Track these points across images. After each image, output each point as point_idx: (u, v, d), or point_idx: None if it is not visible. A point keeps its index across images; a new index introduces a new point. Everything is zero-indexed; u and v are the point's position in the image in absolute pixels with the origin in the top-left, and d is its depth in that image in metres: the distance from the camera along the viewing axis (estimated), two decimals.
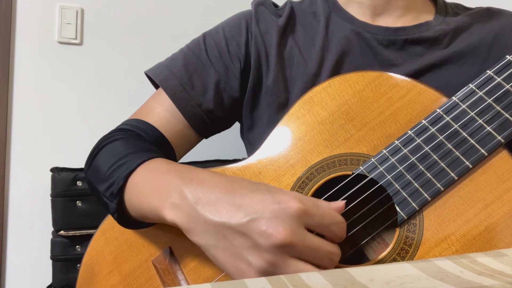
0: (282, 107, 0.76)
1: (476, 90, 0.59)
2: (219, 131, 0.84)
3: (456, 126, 0.58)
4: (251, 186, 0.52)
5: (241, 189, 0.51)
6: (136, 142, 0.70)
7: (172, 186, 0.55)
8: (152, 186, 0.58)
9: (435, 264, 0.40)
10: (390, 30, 0.77)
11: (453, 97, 0.59)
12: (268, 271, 0.47)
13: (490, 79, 0.59)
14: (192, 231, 0.52)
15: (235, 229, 0.48)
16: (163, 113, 0.78)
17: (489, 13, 0.80)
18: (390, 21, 0.79)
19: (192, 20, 1.96)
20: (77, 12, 1.83)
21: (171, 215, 0.54)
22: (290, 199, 0.48)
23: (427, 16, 0.80)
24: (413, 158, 0.58)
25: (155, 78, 0.79)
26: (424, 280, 0.35)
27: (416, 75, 0.73)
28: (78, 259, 1.50)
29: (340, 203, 0.53)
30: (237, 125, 0.88)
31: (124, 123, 0.78)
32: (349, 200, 0.60)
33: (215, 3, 2.00)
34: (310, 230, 0.50)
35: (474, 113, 0.58)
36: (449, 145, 0.57)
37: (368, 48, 0.76)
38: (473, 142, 0.56)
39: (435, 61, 0.74)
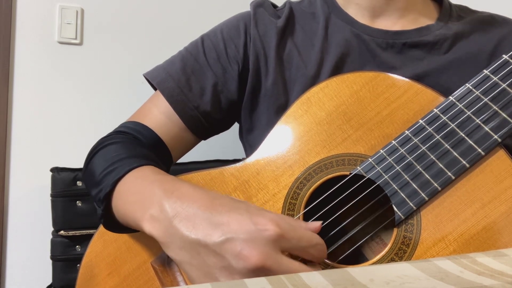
0: (281, 109, 0.76)
1: (473, 89, 0.59)
2: (217, 133, 0.84)
3: (453, 125, 0.58)
4: (231, 205, 0.51)
5: (220, 207, 0.50)
6: (131, 146, 0.70)
7: (154, 198, 0.54)
8: (136, 195, 0.58)
9: (435, 264, 0.40)
10: (389, 33, 0.76)
11: (450, 97, 0.59)
12: None
13: (486, 78, 0.59)
14: (168, 246, 0.51)
15: (209, 248, 0.47)
16: (160, 116, 0.78)
17: (492, 21, 0.78)
18: (389, 23, 0.78)
19: (192, 21, 1.96)
20: (77, 12, 1.83)
21: (149, 227, 0.53)
22: (267, 222, 0.47)
23: (429, 19, 0.79)
24: (410, 158, 0.58)
25: (152, 80, 0.79)
26: (424, 280, 0.35)
27: (415, 79, 0.72)
28: (78, 259, 1.50)
29: (316, 224, 0.53)
30: (237, 125, 0.88)
31: (121, 126, 0.78)
32: (346, 200, 0.60)
33: (215, 4, 1.99)
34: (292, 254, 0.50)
35: (471, 113, 0.58)
36: (446, 145, 0.57)
37: (367, 50, 0.76)
38: (470, 142, 0.57)
39: (435, 66, 0.73)
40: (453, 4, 0.83)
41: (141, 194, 0.57)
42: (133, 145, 0.70)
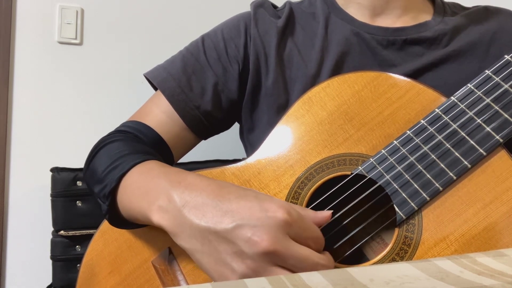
0: (282, 109, 0.76)
1: (475, 90, 0.59)
2: (217, 133, 0.84)
3: (454, 126, 0.58)
4: (239, 192, 0.51)
5: (229, 195, 0.51)
6: (133, 144, 0.70)
7: (160, 189, 0.55)
8: (142, 189, 0.58)
9: (435, 264, 0.40)
10: (389, 30, 0.77)
11: (452, 97, 0.59)
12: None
13: (488, 78, 0.59)
14: (178, 235, 0.52)
15: (220, 234, 0.48)
16: (161, 115, 0.78)
17: (487, 12, 0.80)
18: (389, 21, 0.79)
19: (192, 21, 1.96)
20: (77, 12, 1.83)
21: (157, 217, 0.53)
22: (278, 209, 0.48)
23: (426, 16, 0.80)
24: (412, 158, 0.58)
25: (153, 80, 0.80)
26: (424, 280, 0.35)
27: (415, 74, 0.73)
28: (78, 259, 1.50)
29: (326, 213, 0.54)
30: (237, 125, 0.88)
31: (122, 125, 0.78)
32: (348, 200, 0.60)
33: (215, 4, 1.99)
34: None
35: (473, 113, 0.58)
36: (447, 145, 0.57)
37: (368, 48, 0.76)
38: (472, 142, 0.57)
39: (434, 60, 0.74)
40: (445, 1, 0.84)
41: (147, 187, 0.57)
42: (135, 142, 0.71)
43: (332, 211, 0.55)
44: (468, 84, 0.59)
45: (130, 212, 0.61)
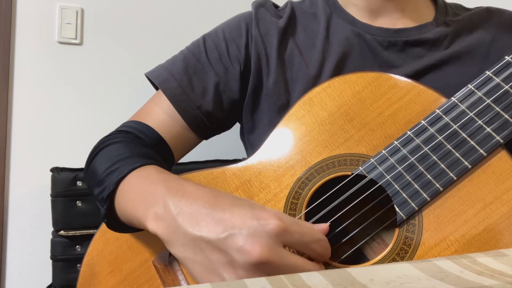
0: (283, 109, 0.76)
1: (475, 90, 0.59)
2: (218, 133, 0.84)
3: (455, 126, 0.58)
4: (233, 202, 0.51)
5: (223, 204, 0.50)
6: (133, 145, 0.70)
7: (157, 196, 0.54)
8: (140, 194, 0.57)
9: (435, 264, 0.40)
10: (390, 31, 0.77)
11: (452, 98, 0.59)
12: None
13: (489, 79, 0.59)
14: (172, 243, 0.51)
15: (212, 243, 0.47)
16: (162, 115, 0.78)
17: (488, 13, 0.80)
18: (390, 22, 0.79)
19: (193, 21, 1.96)
20: (77, 12, 1.83)
21: (152, 225, 0.53)
22: (270, 216, 0.47)
23: (428, 17, 0.80)
24: (412, 159, 0.58)
25: (154, 80, 0.80)
26: (424, 280, 0.35)
27: (416, 76, 0.73)
28: (78, 259, 1.50)
29: (324, 226, 0.53)
30: (237, 125, 0.88)
31: (123, 125, 0.78)
32: (348, 200, 0.60)
33: (216, 4, 1.99)
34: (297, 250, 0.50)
35: (473, 114, 0.58)
36: (448, 146, 0.57)
37: (369, 49, 0.76)
38: (472, 143, 0.57)
39: (435, 62, 0.74)
40: (446, 2, 0.83)
41: (144, 192, 0.57)
42: (135, 144, 0.70)
43: (329, 223, 0.54)
44: (469, 85, 0.59)
45: (127, 217, 0.61)
